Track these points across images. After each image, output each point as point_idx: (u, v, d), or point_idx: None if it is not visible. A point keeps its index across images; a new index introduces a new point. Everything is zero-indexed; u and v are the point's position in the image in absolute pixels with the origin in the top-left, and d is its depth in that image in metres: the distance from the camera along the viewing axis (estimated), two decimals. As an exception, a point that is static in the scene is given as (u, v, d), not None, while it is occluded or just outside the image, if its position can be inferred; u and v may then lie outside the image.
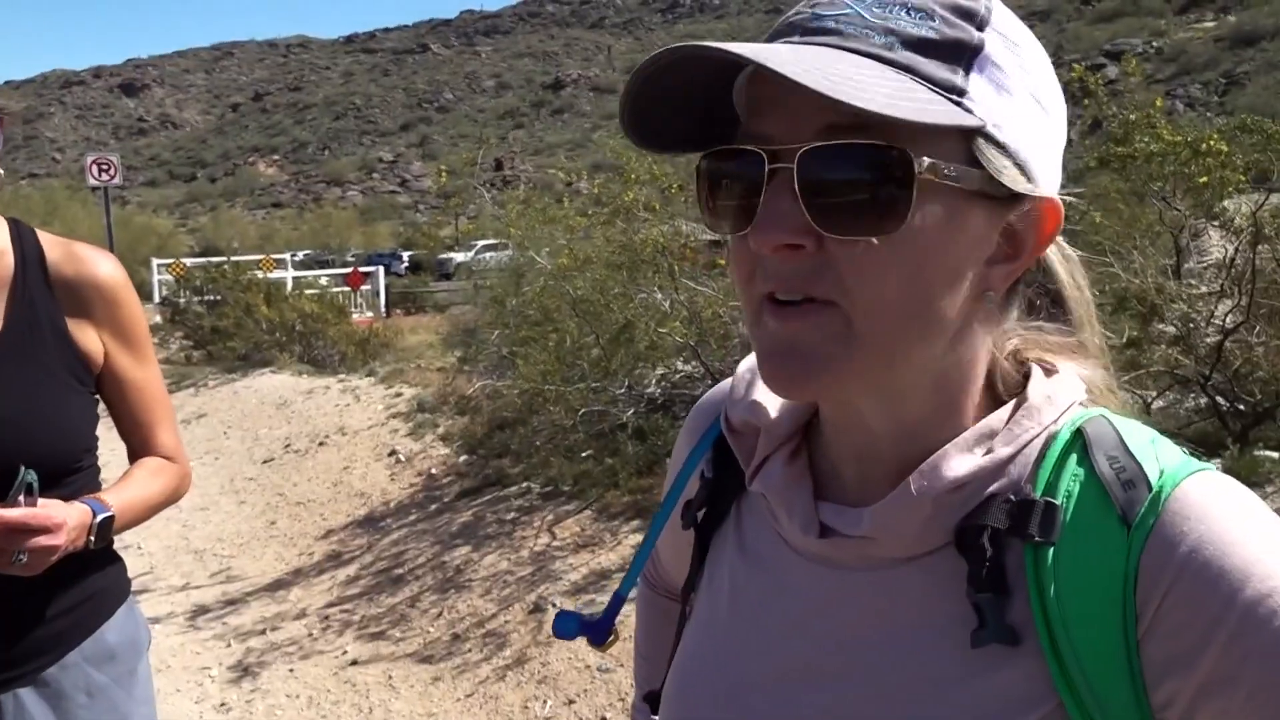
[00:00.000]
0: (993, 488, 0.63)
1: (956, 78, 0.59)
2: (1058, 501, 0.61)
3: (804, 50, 0.58)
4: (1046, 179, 0.64)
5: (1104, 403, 0.69)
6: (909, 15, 0.59)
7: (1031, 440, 0.64)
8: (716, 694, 0.73)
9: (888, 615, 0.66)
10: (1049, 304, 0.72)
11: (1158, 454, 0.62)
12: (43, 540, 1.35)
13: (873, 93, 0.54)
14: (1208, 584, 0.56)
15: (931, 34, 0.59)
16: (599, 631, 0.87)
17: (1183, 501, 0.59)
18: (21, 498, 1.35)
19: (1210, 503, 0.59)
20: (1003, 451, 0.63)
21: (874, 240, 0.58)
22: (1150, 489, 0.59)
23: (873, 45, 0.58)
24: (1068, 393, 0.66)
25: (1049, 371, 0.68)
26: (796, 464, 0.72)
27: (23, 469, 1.37)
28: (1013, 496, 0.62)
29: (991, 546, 0.61)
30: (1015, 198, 0.62)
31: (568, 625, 0.86)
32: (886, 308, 0.59)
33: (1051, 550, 0.60)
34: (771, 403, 0.74)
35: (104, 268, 1.59)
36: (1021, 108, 0.62)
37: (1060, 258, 0.72)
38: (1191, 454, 0.64)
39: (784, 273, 0.60)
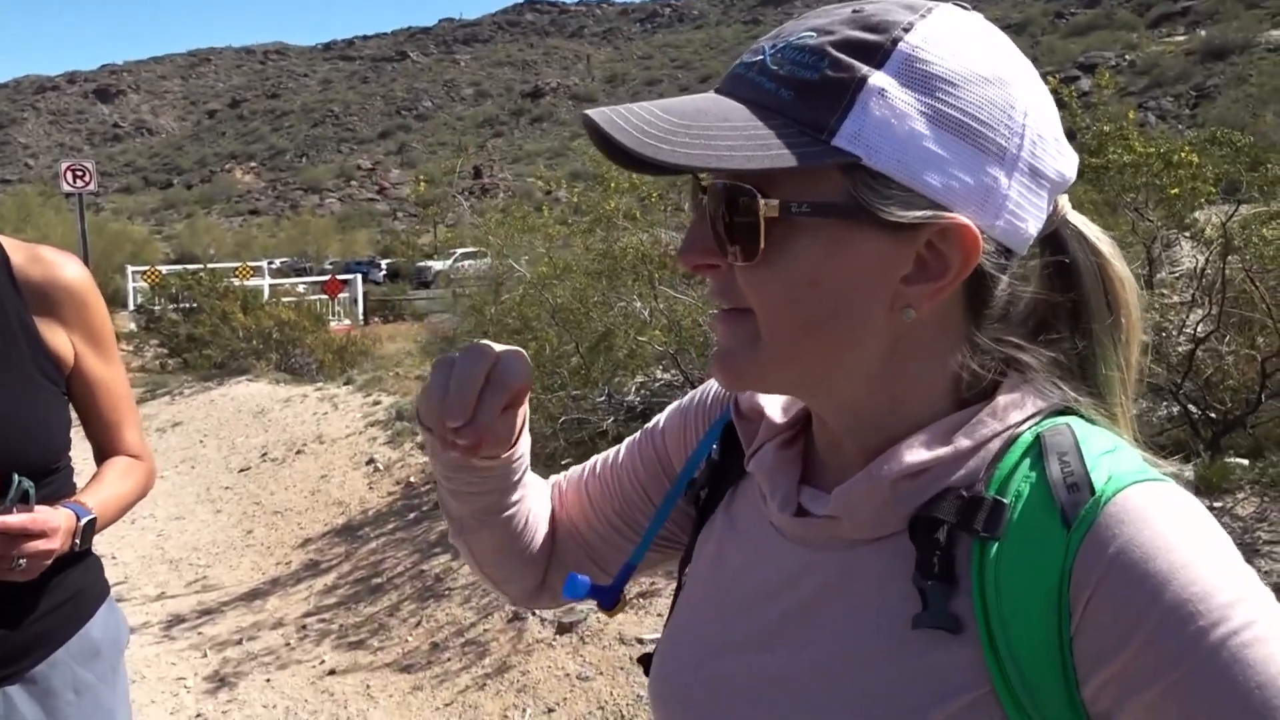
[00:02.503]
0: (949, 481, 0.67)
1: (828, 117, 0.62)
2: (1006, 500, 0.64)
3: (695, 102, 0.67)
4: (967, 201, 0.64)
5: (1092, 418, 0.70)
6: (801, 57, 0.64)
7: (991, 439, 0.68)
8: (695, 655, 0.80)
9: (843, 591, 0.70)
10: (1071, 311, 0.72)
11: (1112, 462, 0.64)
12: (40, 545, 1.38)
13: (714, 146, 0.63)
14: (1131, 584, 0.58)
15: (813, 77, 0.63)
16: (608, 595, 0.90)
17: (1121, 506, 0.61)
18: (15, 506, 1.38)
19: (1147, 509, 0.61)
20: (962, 444, 0.67)
21: (751, 265, 0.66)
22: (1093, 493, 0.62)
23: (755, 93, 0.65)
24: (1035, 399, 0.69)
25: (1024, 379, 0.70)
26: (790, 450, 0.79)
27: (17, 477, 1.40)
28: (964, 492, 0.66)
29: (943, 538, 0.65)
30: (915, 224, 0.64)
31: (579, 587, 0.89)
32: (778, 319, 0.68)
33: (996, 546, 0.63)
34: (775, 394, 0.82)
35: (70, 270, 1.60)
36: (920, 140, 0.63)
37: (1089, 267, 0.72)
38: (1156, 466, 0.66)
39: (712, 288, 0.71)
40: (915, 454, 0.67)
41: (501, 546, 0.94)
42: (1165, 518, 0.60)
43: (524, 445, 0.88)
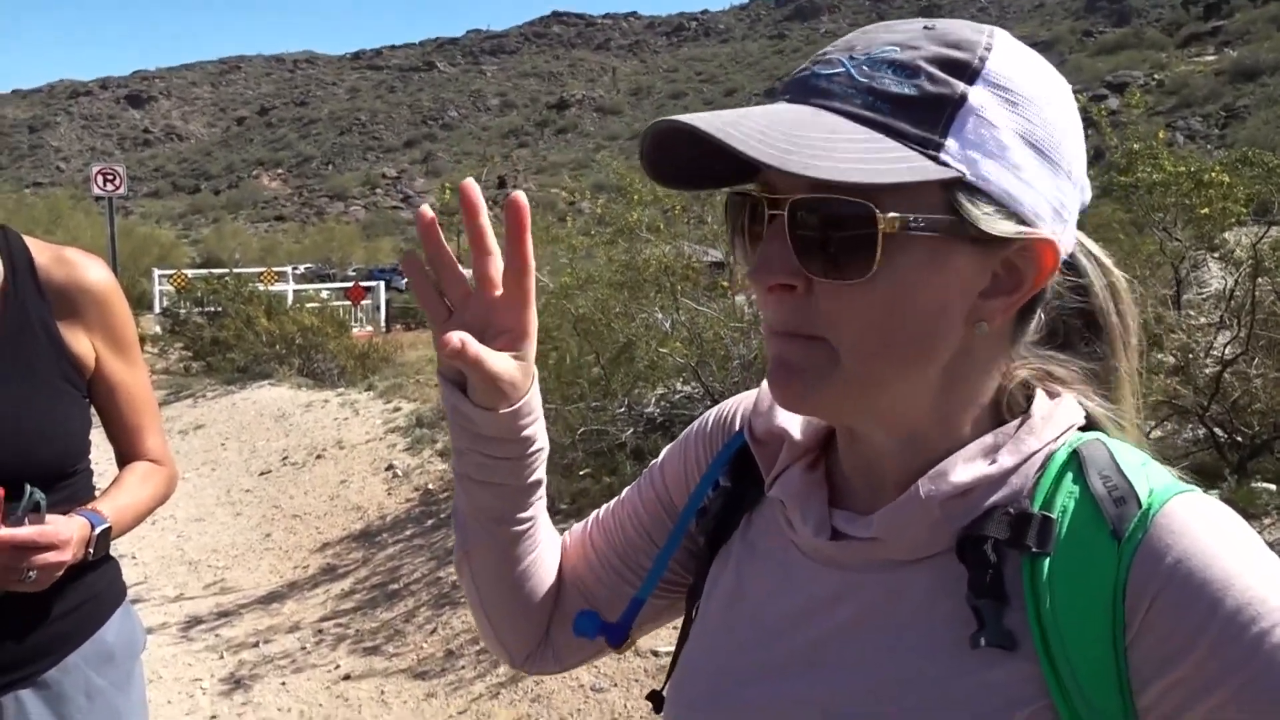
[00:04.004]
0: (993, 499, 0.67)
1: (934, 133, 0.63)
2: (1054, 516, 0.65)
3: (786, 112, 0.64)
4: (1046, 217, 0.67)
5: (1109, 432, 0.73)
6: (894, 74, 0.64)
7: (1032, 455, 0.68)
8: (716, 686, 0.78)
9: (887, 612, 0.70)
10: (1082, 326, 0.76)
11: (1148, 475, 0.66)
12: (50, 557, 1.37)
13: (835, 158, 0.60)
14: (1192, 593, 0.60)
15: (912, 91, 0.63)
16: (617, 632, 0.90)
17: (1169, 517, 0.62)
18: (28, 516, 1.38)
19: (1194, 519, 0.63)
20: (1006, 462, 0.68)
21: (853, 283, 0.64)
22: (1140, 506, 0.63)
23: (854, 106, 0.64)
24: (1067, 415, 0.71)
25: (1052, 395, 0.72)
26: (814, 473, 0.78)
27: (29, 488, 1.39)
28: (1012, 509, 0.67)
29: (993, 555, 0.65)
30: (1004, 238, 0.65)
31: (588, 624, 0.89)
32: (867, 344, 0.65)
33: (1047, 561, 0.64)
34: (795, 416, 0.80)
35: (94, 272, 1.59)
36: (1012, 156, 0.65)
37: (1103, 285, 0.76)
38: (1183, 479, 0.68)
39: (778, 310, 0.67)
40: (962, 474, 0.68)
41: (504, 575, 0.89)
42: (1212, 527, 0.62)
43: (538, 427, 0.83)
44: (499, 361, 0.76)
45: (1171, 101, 63.77)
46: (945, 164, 0.62)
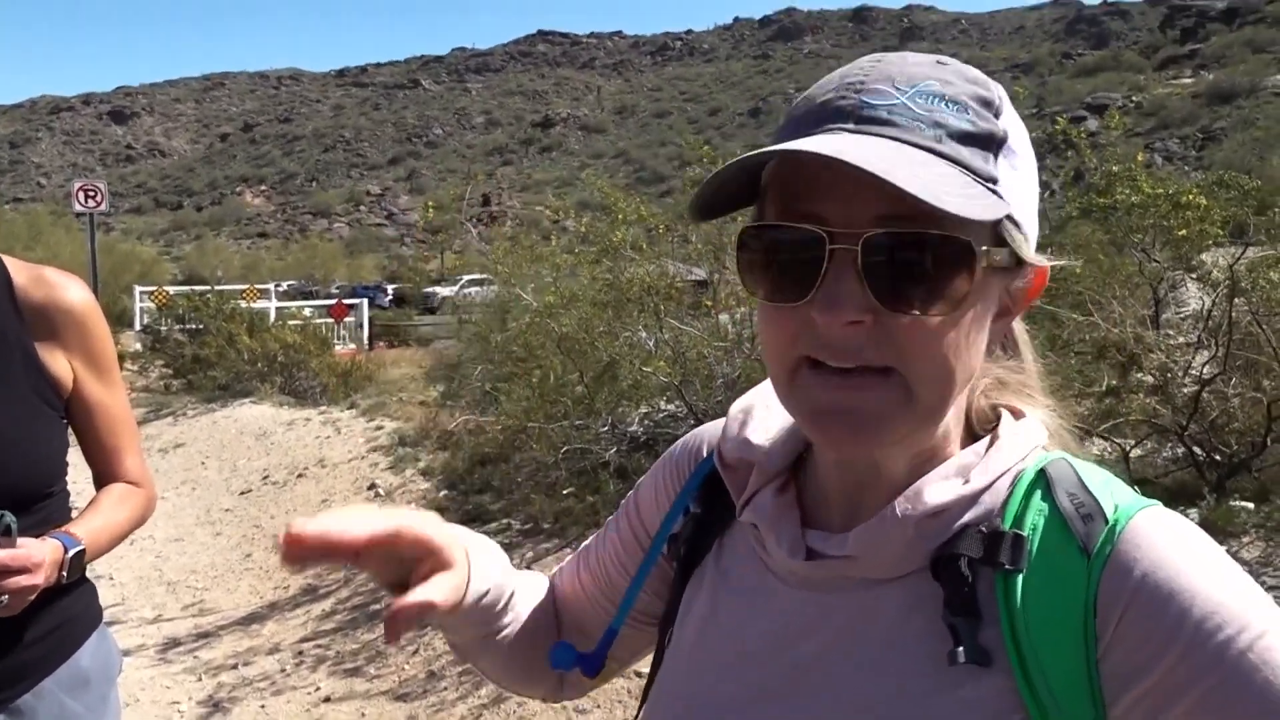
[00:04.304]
0: (966, 518, 0.69)
1: (990, 166, 0.65)
2: (1025, 534, 0.67)
3: (867, 143, 0.63)
4: (1034, 245, 0.71)
5: (1060, 445, 0.76)
6: (948, 107, 0.65)
7: (1002, 475, 0.70)
8: (688, 716, 0.77)
9: (863, 633, 0.70)
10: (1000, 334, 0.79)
11: (1112, 492, 0.68)
12: (22, 581, 1.35)
13: (945, 194, 0.60)
14: (1160, 604, 0.62)
15: (970, 126, 0.65)
16: (591, 662, 0.90)
17: (1135, 532, 0.64)
18: None
19: (1158, 533, 0.65)
20: (978, 482, 0.69)
21: (939, 316, 0.64)
22: (1106, 522, 0.65)
23: (924, 138, 0.64)
24: (1033, 435, 0.73)
25: (1015, 414, 0.75)
26: (786, 496, 0.78)
27: None
28: (984, 528, 0.68)
29: (968, 573, 0.67)
30: (1021, 265, 0.69)
31: (564, 656, 0.89)
32: (942, 374, 0.66)
33: (1020, 578, 0.65)
34: (763, 441, 0.80)
35: (73, 293, 1.57)
36: (1027, 185, 0.70)
37: None
38: (1146, 495, 0.71)
39: (844, 344, 0.65)
40: (937, 494, 0.69)
41: (508, 664, 0.94)
42: (1177, 540, 0.65)
43: (482, 584, 0.83)
44: (441, 592, 0.72)
45: (1150, 123, 64.64)
46: (1002, 198, 0.65)
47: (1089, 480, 0.69)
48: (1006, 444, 0.71)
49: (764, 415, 0.83)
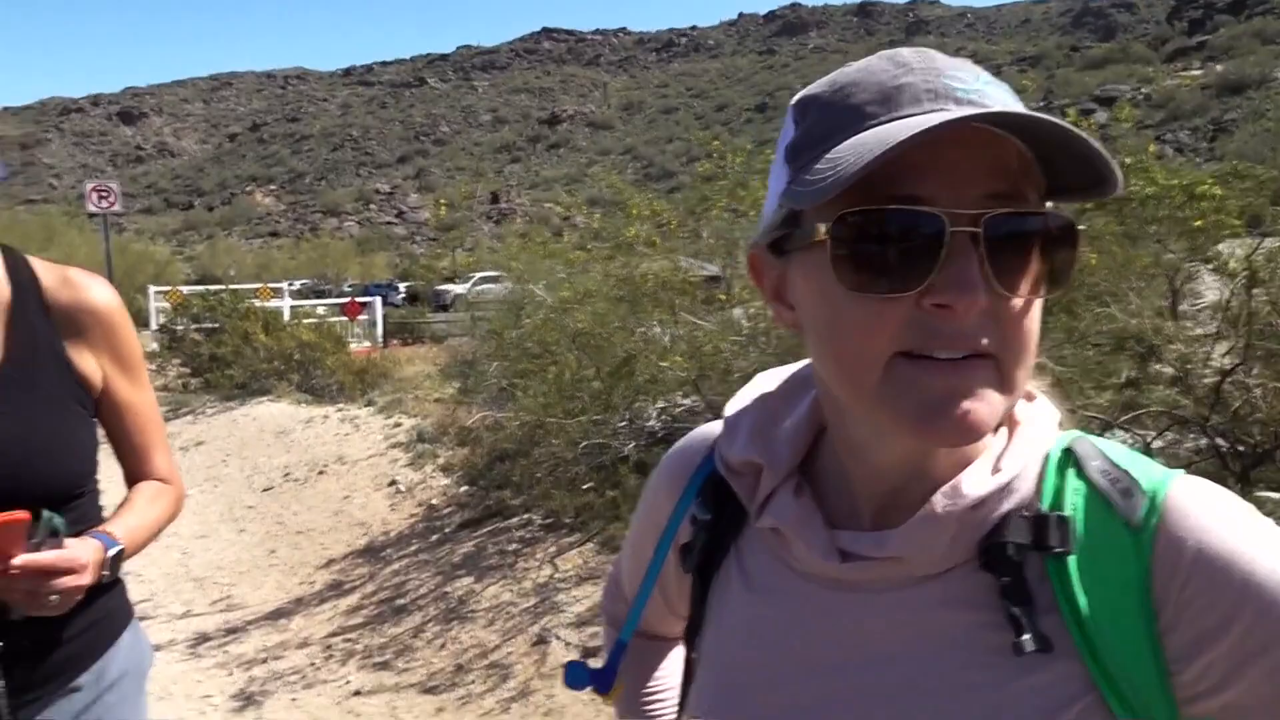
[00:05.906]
0: (1006, 506, 0.68)
1: None
2: (1068, 514, 0.66)
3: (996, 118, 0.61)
4: None
5: (1066, 424, 0.75)
6: (1008, 95, 0.65)
7: (1032, 459, 0.70)
8: None
9: (913, 630, 0.69)
10: None
11: (1139, 464, 0.69)
12: (70, 581, 1.37)
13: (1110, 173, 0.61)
14: (1223, 569, 0.62)
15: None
16: (604, 679, 0.90)
17: (1178, 501, 0.64)
18: (46, 541, 1.38)
19: (1199, 500, 0.65)
20: (1011, 468, 0.68)
21: (1041, 296, 0.65)
22: (1145, 495, 0.65)
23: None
24: (1049, 415, 0.73)
25: (1028, 397, 0.74)
26: (804, 497, 0.75)
27: (46, 512, 1.39)
28: (1026, 513, 0.67)
29: (1019, 560, 0.66)
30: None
31: (579, 676, 0.90)
32: (1029, 357, 0.66)
33: (1072, 559, 0.65)
34: (767, 442, 0.78)
35: (99, 293, 1.59)
36: None
37: None
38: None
39: (962, 331, 0.62)
40: (976, 487, 0.67)
41: None
42: (1218, 505, 0.65)
43: None
44: None
45: (1159, 115, 64.30)
46: None
47: (1115, 455, 0.69)
48: (1028, 427, 0.71)
49: (762, 415, 0.80)
